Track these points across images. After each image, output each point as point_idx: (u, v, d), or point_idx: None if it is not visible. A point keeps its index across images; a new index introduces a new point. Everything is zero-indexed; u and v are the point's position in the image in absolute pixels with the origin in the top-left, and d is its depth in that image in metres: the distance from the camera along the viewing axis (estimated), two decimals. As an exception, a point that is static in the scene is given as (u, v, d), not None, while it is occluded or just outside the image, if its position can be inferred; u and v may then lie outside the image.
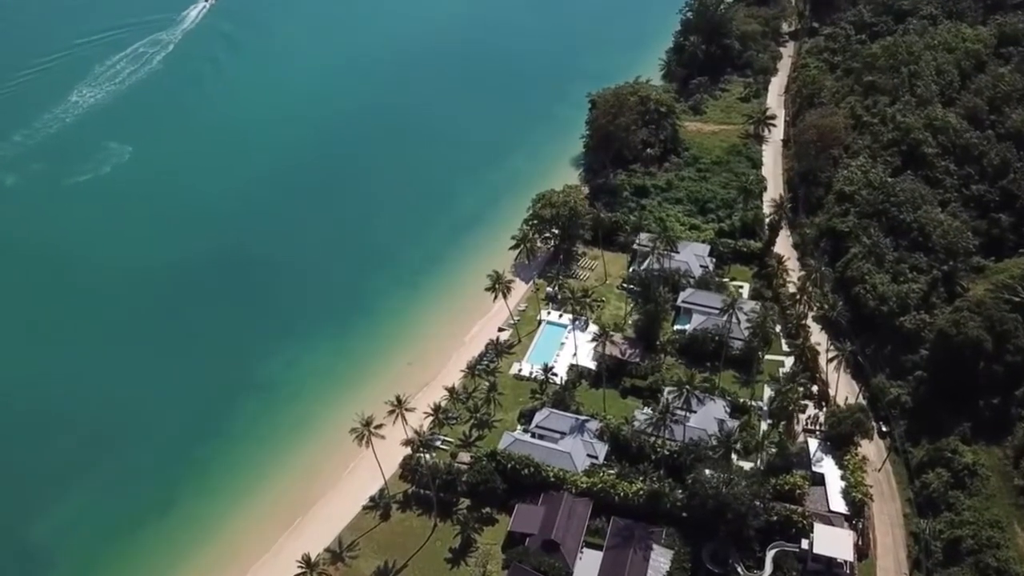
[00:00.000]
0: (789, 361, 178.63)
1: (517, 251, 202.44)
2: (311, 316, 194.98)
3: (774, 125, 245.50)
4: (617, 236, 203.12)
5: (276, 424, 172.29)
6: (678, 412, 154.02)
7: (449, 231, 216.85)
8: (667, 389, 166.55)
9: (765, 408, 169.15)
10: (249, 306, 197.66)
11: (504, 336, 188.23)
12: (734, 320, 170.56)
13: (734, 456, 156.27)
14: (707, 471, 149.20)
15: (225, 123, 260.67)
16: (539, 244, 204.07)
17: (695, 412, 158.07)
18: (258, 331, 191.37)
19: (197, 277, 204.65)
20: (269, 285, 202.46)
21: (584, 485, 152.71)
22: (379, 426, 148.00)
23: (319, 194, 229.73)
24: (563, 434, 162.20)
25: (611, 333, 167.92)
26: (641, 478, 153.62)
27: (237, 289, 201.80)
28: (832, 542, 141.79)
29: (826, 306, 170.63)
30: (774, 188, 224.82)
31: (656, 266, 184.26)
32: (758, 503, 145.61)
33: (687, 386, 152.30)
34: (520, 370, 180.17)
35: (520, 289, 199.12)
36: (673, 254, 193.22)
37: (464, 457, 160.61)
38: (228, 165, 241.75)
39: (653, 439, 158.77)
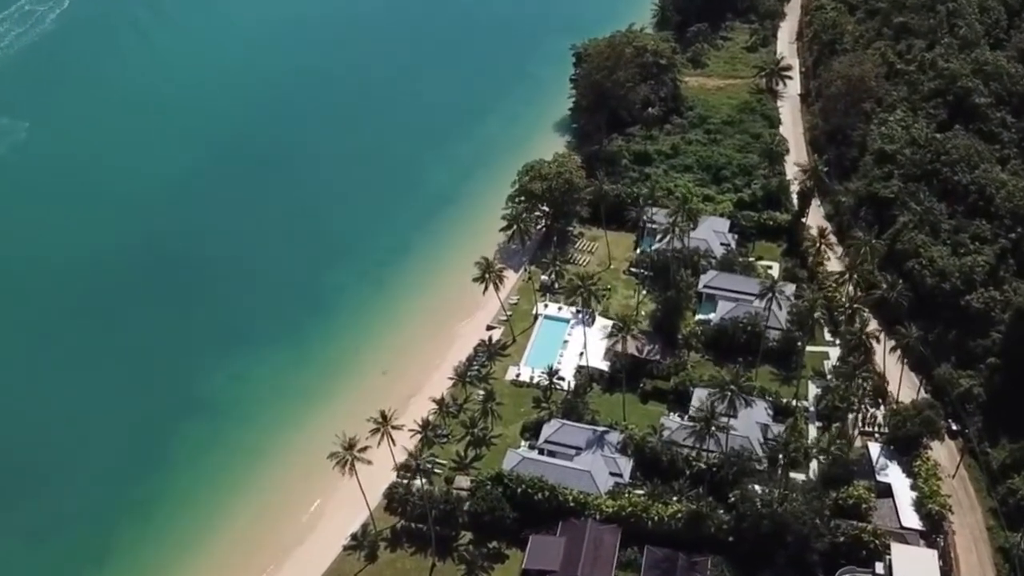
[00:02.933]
0: (834, 352, 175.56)
1: (508, 234, 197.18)
2: (260, 320, 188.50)
3: (789, 77, 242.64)
4: (626, 212, 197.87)
5: (227, 452, 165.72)
6: (721, 418, 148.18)
7: (417, 214, 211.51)
8: (697, 390, 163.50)
9: (812, 409, 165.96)
10: (184, 310, 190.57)
11: (496, 335, 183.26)
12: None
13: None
14: (756, 486, 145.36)
15: (145, 93, 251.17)
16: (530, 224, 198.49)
17: (735, 417, 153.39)
18: (197, 340, 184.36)
19: (119, 276, 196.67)
20: (207, 284, 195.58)
21: (610, 509, 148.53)
22: (364, 449, 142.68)
23: (262, 174, 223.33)
24: (579, 449, 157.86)
25: (632, 328, 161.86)
26: (676, 497, 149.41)
27: (168, 289, 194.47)
28: (914, 564, 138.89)
29: (883, 285, 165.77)
30: (796, 150, 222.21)
31: (677, 244, 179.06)
32: (819, 522, 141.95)
33: (731, 386, 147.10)
34: (518, 375, 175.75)
35: (509, 279, 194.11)
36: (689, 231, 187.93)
37: (462, 482, 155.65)
38: (151, 142, 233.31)
39: (686, 451, 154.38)
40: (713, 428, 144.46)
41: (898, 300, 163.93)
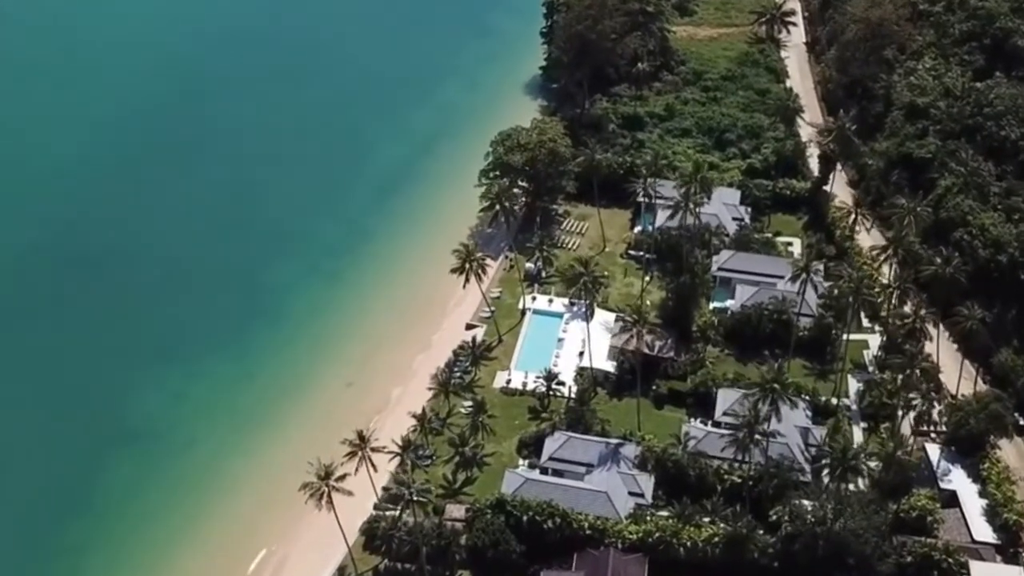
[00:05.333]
0: (874, 340, 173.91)
1: (489, 215, 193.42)
2: (193, 328, 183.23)
3: (793, 24, 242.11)
4: (626, 186, 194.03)
5: (167, 487, 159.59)
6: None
7: (371, 196, 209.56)
8: (721, 391, 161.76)
9: (855, 407, 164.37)
10: (101, 320, 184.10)
11: (479, 335, 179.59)
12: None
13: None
14: (804, 501, 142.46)
15: (40, 56, 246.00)
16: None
17: (780, 421, 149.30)
18: (120, 355, 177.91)
19: (17, 284, 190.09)
20: (126, 287, 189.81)
21: (633, 536, 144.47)
22: (342, 477, 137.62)
23: (181, 154, 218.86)
24: (590, 466, 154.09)
25: (646, 321, 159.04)
26: (709, 518, 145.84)
27: (79, 296, 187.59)
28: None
29: (938, 260, 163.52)
30: (808, 108, 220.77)
31: (690, 221, 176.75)
32: (878, 539, 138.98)
33: (774, 385, 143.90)
34: (508, 381, 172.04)
35: (489, 269, 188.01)
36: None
37: (456, 511, 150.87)
38: (41, 118, 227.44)
39: (716, 463, 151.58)
40: (757, 436, 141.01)
41: (954, 276, 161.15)
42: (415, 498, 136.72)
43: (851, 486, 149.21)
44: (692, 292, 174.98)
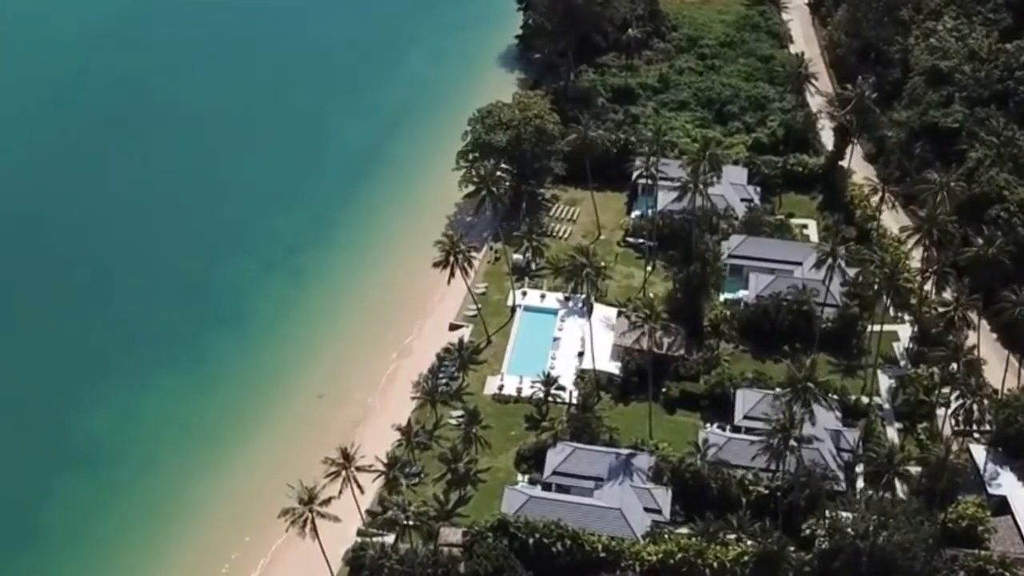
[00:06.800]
0: (904, 331, 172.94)
1: (475, 201, 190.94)
2: (143, 334, 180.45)
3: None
4: (625, 165, 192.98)
5: (120, 517, 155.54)
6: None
7: (332, 183, 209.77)
8: (740, 392, 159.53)
9: (888, 406, 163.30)
10: (37, 325, 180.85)
11: (465, 336, 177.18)
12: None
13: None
14: (843, 512, 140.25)
15: None
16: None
17: (813, 424, 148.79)
18: (61, 365, 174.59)
19: None
20: (65, 288, 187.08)
21: (653, 557, 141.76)
22: (326, 501, 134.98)
23: (124, 137, 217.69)
24: (599, 481, 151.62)
25: (659, 316, 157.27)
26: (735, 535, 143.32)
27: (13, 298, 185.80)
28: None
29: (979, 240, 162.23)
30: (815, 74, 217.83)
31: (700, 202, 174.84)
32: (928, 553, 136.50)
33: (808, 384, 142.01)
34: (501, 387, 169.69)
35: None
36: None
37: (452, 535, 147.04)
38: None
39: (740, 473, 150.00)
40: (792, 442, 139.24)
41: (997, 258, 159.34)
42: (411, 522, 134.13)
43: (887, 494, 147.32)
44: (702, 283, 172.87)
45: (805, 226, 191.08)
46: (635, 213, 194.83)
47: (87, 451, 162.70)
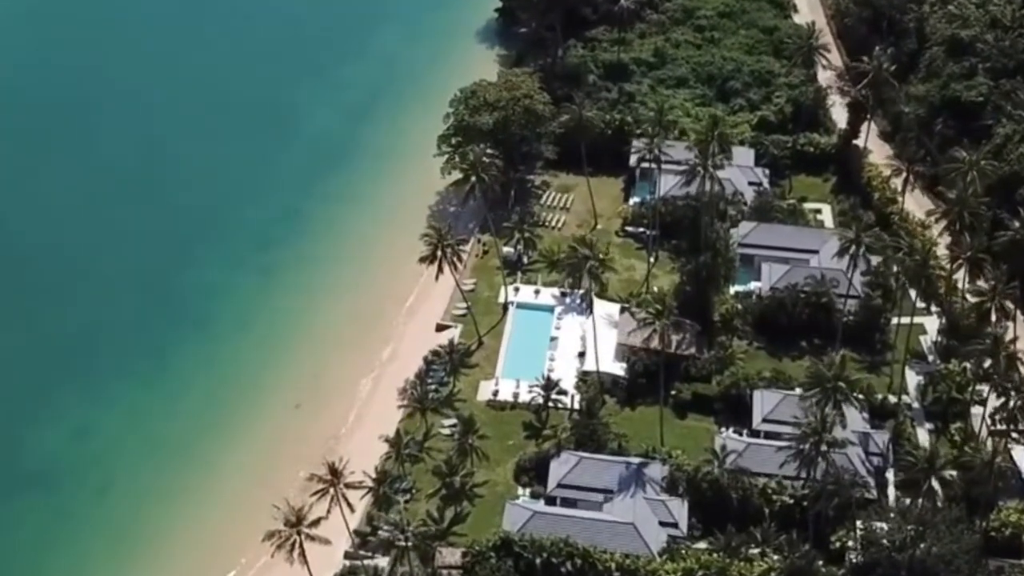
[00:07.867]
0: (931, 324, 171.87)
1: (463, 190, 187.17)
2: (100, 342, 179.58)
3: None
4: (626, 148, 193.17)
5: (80, 544, 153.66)
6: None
7: (306, 172, 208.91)
8: (758, 394, 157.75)
9: (917, 405, 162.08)
10: None
11: (454, 337, 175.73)
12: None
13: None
14: (876, 522, 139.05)
15: None
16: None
17: (844, 427, 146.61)
18: (9, 377, 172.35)
19: None
20: (13, 291, 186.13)
21: None
22: (315, 522, 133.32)
23: (75, 123, 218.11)
24: (609, 493, 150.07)
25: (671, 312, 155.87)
26: (759, 549, 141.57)
27: None
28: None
29: (1016, 223, 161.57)
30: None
31: (708, 187, 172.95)
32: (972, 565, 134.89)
33: (839, 384, 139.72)
34: (495, 392, 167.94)
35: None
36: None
37: (449, 556, 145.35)
38: None
39: (763, 481, 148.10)
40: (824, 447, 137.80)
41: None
42: (410, 543, 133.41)
43: (926, 501, 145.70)
44: (713, 274, 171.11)
45: (819, 211, 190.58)
46: (634, 200, 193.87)
47: (41, 472, 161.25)
